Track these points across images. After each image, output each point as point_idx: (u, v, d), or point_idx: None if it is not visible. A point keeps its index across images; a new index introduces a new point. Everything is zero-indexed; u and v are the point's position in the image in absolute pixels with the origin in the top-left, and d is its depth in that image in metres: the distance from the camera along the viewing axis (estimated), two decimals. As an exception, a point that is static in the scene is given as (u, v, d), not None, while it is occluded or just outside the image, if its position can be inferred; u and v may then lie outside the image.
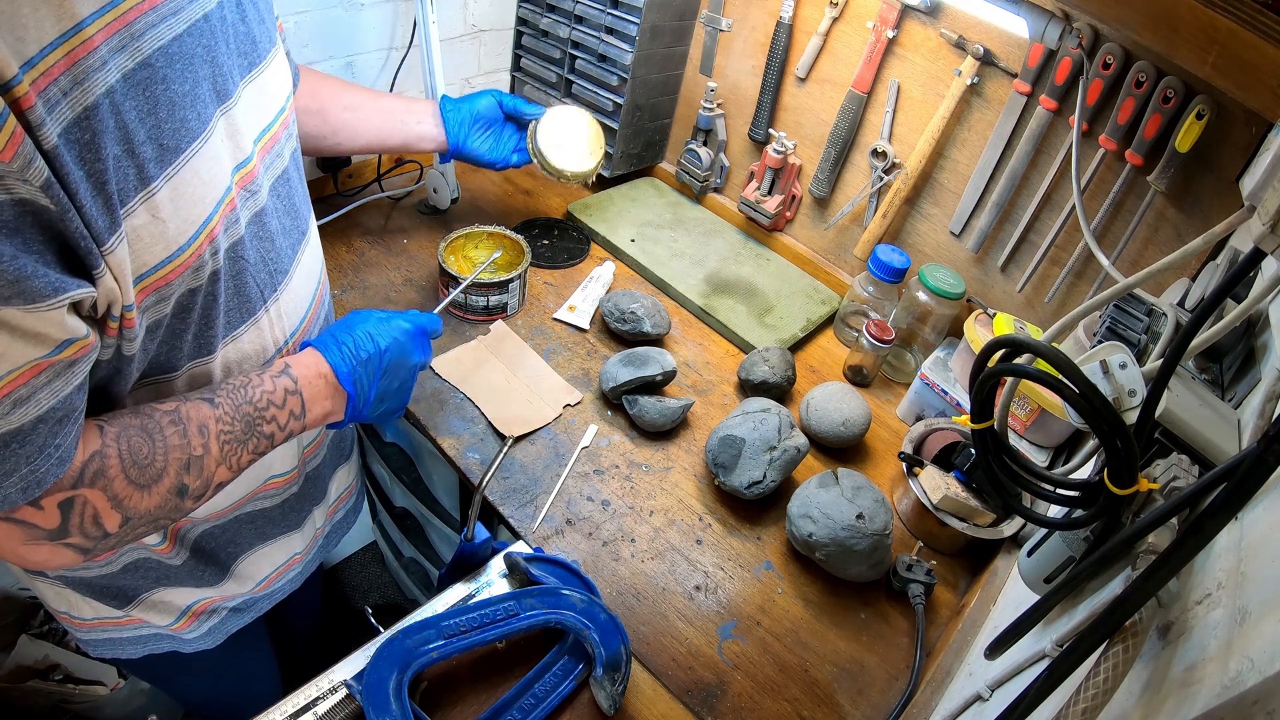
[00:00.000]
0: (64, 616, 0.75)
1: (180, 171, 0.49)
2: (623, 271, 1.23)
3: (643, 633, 0.76)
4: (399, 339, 0.72)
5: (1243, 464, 0.36)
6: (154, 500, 0.53)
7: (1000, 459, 0.61)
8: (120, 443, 0.51)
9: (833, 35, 1.13)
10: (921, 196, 1.14)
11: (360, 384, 0.68)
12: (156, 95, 0.46)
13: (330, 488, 0.91)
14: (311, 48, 1.11)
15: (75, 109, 0.41)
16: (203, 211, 0.52)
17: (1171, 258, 0.54)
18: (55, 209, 0.40)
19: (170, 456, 0.54)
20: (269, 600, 0.88)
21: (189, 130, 0.50)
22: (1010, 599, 0.75)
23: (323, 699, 0.63)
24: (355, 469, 1.00)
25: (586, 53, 1.28)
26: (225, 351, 0.62)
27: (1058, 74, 0.92)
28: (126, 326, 0.49)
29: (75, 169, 0.41)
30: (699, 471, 0.94)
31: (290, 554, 0.86)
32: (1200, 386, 0.60)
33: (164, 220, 0.48)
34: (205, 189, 0.52)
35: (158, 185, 0.47)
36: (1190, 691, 0.36)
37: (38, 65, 0.39)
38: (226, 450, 0.58)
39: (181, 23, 0.49)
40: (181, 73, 0.48)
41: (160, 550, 0.71)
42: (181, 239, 0.50)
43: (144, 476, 0.52)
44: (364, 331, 0.70)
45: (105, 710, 1.22)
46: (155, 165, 0.47)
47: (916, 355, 1.13)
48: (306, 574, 0.92)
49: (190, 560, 0.74)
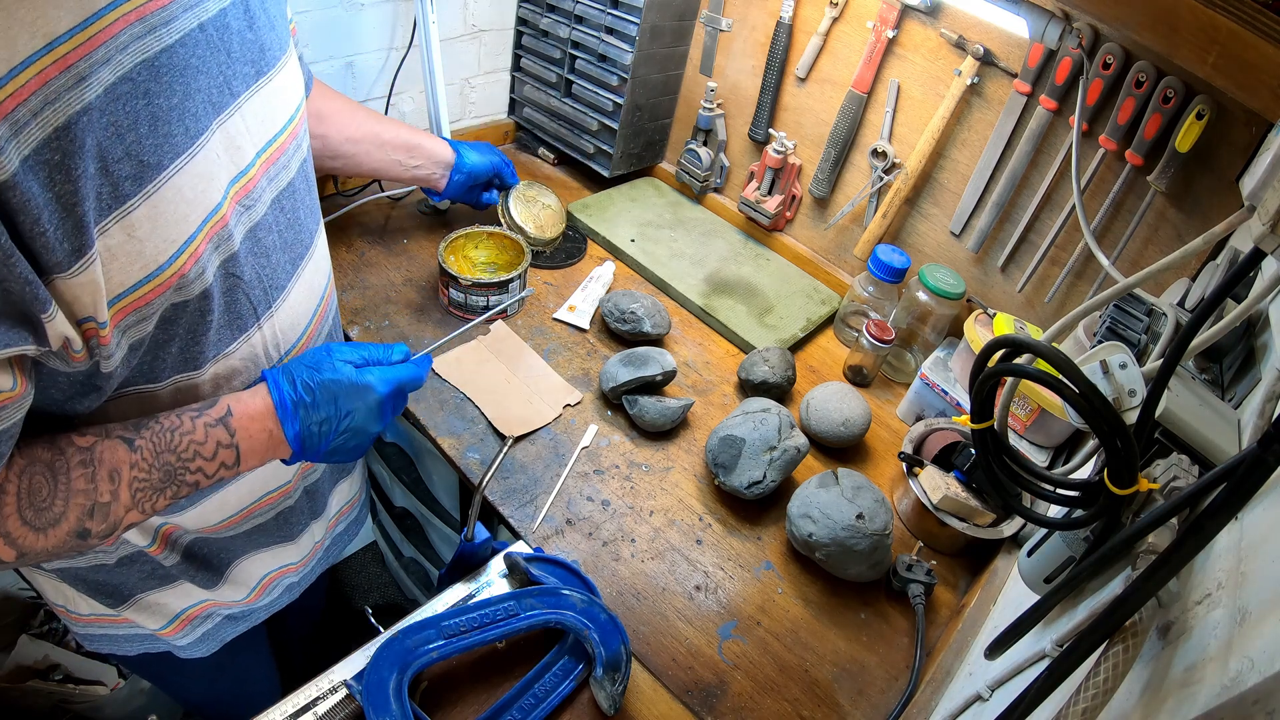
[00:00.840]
0: (61, 610, 0.75)
1: (160, 189, 0.47)
2: (623, 271, 1.23)
3: (643, 633, 0.76)
4: (367, 409, 0.65)
5: (1243, 464, 0.36)
6: (51, 541, 0.51)
7: (1000, 459, 0.61)
8: (22, 480, 0.49)
9: (833, 35, 1.13)
10: (921, 196, 1.14)
11: (309, 442, 0.63)
12: (137, 110, 0.45)
13: (330, 502, 0.90)
14: (311, 48, 1.11)
15: (46, 129, 0.40)
16: (185, 230, 0.50)
17: (1171, 258, 0.54)
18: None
19: (72, 501, 0.51)
20: (267, 610, 0.87)
21: (173, 146, 0.48)
22: (1010, 599, 0.75)
23: (323, 699, 0.63)
24: (359, 481, 0.99)
25: (586, 53, 1.28)
26: (215, 367, 0.61)
27: (1058, 74, 0.92)
28: (102, 344, 0.47)
29: (41, 192, 0.40)
30: (699, 471, 0.94)
31: (285, 562, 0.85)
32: (1200, 386, 0.60)
33: (141, 239, 0.47)
34: (188, 207, 0.50)
35: (134, 203, 0.46)
36: (1190, 691, 0.36)
37: (4, 88, 0.37)
38: (139, 497, 0.55)
39: (174, 33, 0.47)
40: (169, 85, 0.47)
41: (152, 551, 0.70)
42: (161, 258, 0.49)
43: (40, 519, 0.50)
44: (328, 391, 0.63)
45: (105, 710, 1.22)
46: (132, 183, 0.45)
47: (916, 355, 1.13)
48: (305, 585, 0.91)
49: (183, 562, 0.73)
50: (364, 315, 1.03)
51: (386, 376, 0.67)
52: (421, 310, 1.06)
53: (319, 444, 0.63)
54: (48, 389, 0.50)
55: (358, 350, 0.67)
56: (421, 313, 1.05)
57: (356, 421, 0.64)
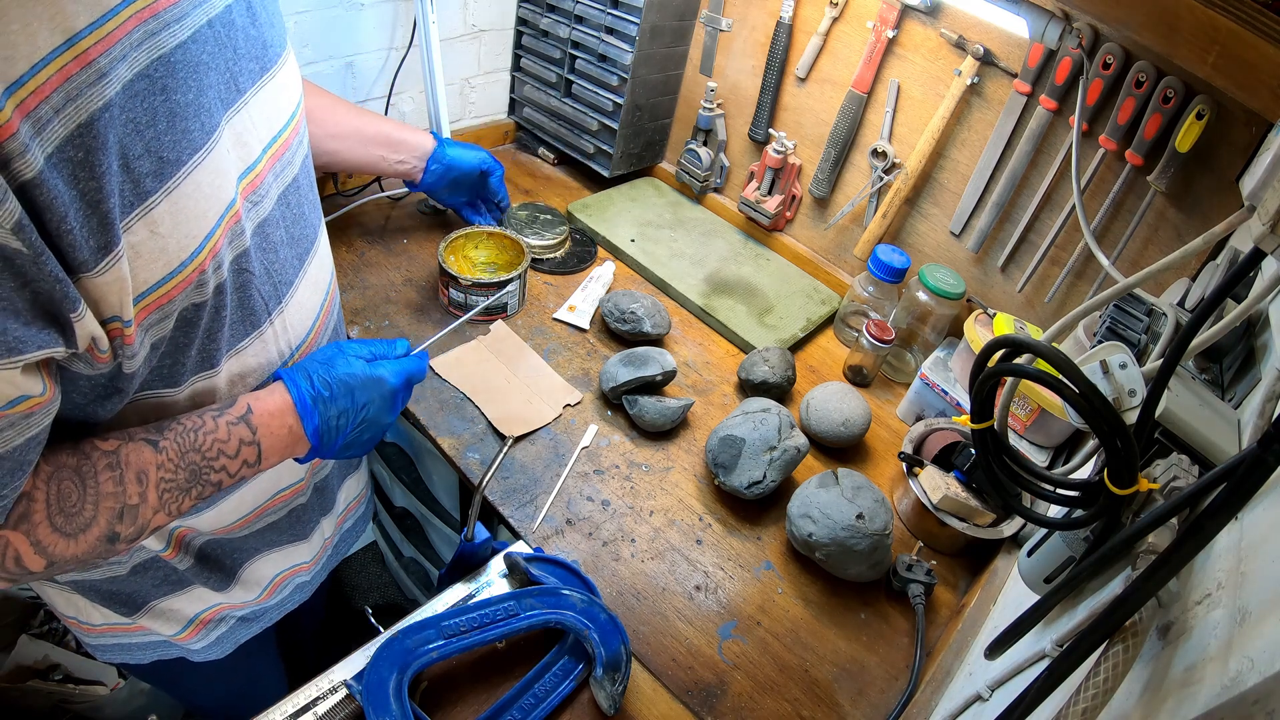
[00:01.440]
0: (72, 622, 0.74)
1: (181, 185, 0.48)
2: (623, 271, 1.23)
3: (643, 633, 0.76)
4: (381, 399, 0.68)
5: (1243, 464, 0.36)
6: (81, 547, 0.51)
7: (1000, 459, 0.61)
8: (50, 486, 0.49)
9: (833, 35, 1.13)
10: (921, 196, 1.14)
11: (328, 436, 0.65)
12: (155, 107, 0.45)
13: (339, 497, 0.90)
14: (311, 48, 1.11)
15: (69, 126, 0.40)
16: (205, 226, 0.50)
17: (1171, 258, 0.54)
18: (28, 252, 0.38)
19: (102, 505, 0.51)
20: (279, 610, 0.87)
21: (190, 141, 0.48)
22: (1010, 599, 0.75)
23: (323, 699, 0.63)
24: (365, 477, 0.99)
25: (586, 53, 1.28)
26: (229, 365, 0.61)
27: (1058, 74, 0.92)
28: (126, 344, 0.47)
29: (66, 190, 0.40)
30: (699, 471, 0.94)
31: (296, 562, 0.85)
32: (1200, 386, 0.60)
33: (164, 235, 0.47)
34: (207, 203, 0.50)
35: (156, 200, 0.46)
36: (1190, 691, 0.36)
37: (27, 84, 0.37)
38: (166, 499, 0.55)
39: (186, 29, 0.47)
40: (184, 81, 0.47)
41: (166, 555, 0.70)
42: (183, 254, 0.49)
43: (71, 525, 0.50)
44: (344, 385, 0.65)
45: (105, 710, 1.22)
46: (153, 179, 0.46)
47: (916, 355, 1.13)
48: (316, 583, 0.91)
49: (195, 565, 0.73)
50: (364, 315, 1.03)
51: (396, 369, 0.70)
52: (421, 310, 1.06)
53: (336, 438, 0.66)
54: (69, 393, 0.49)
55: (365, 346, 0.70)
56: (421, 313, 1.05)
57: (372, 413, 0.67)
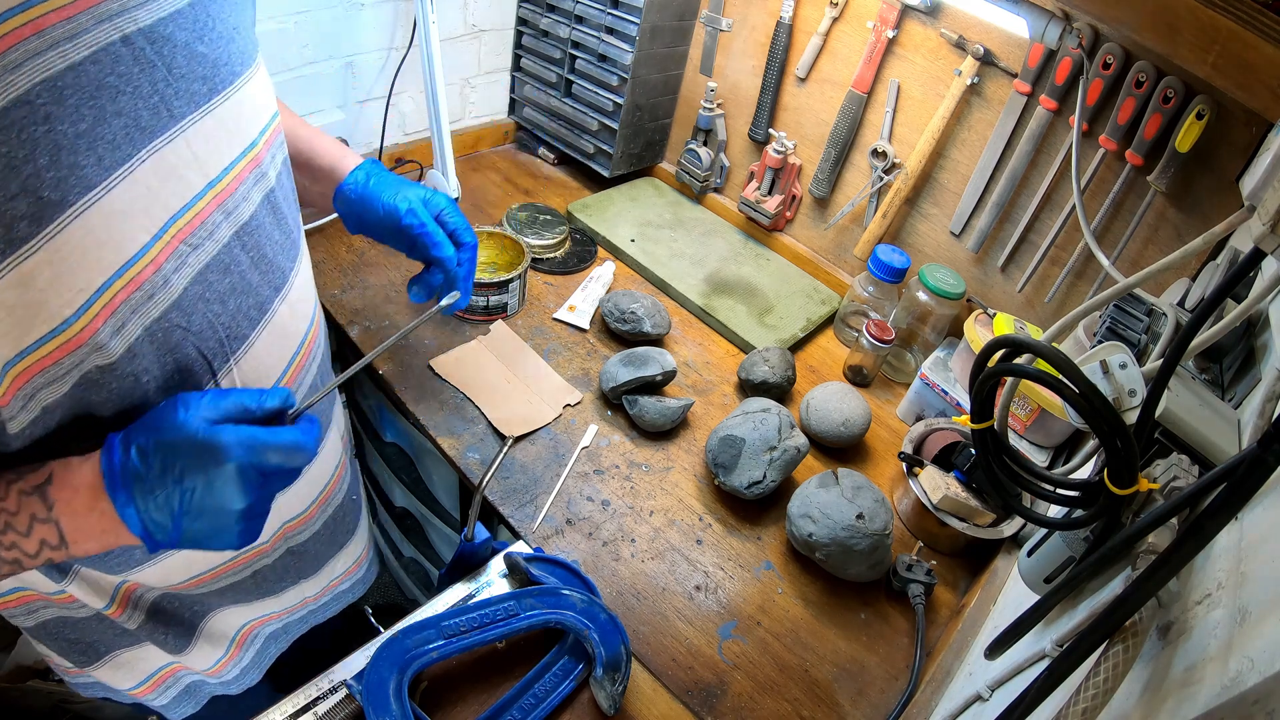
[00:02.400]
0: (48, 660, 0.69)
1: (65, 230, 0.41)
2: (623, 271, 1.23)
3: (643, 633, 0.76)
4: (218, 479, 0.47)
5: (1243, 464, 0.36)
6: None
7: (1000, 459, 0.61)
8: None
9: (833, 35, 1.13)
10: (921, 196, 1.14)
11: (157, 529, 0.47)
12: (35, 138, 0.38)
13: (327, 567, 0.81)
14: (311, 48, 1.11)
15: None
16: (98, 277, 0.43)
17: (1171, 258, 0.55)
18: None
19: None
20: (257, 670, 0.79)
21: (81, 179, 0.41)
22: (1010, 599, 0.75)
23: (323, 699, 0.63)
24: (365, 539, 0.89)
25: (586, 53, 1.28)
26: None
27: (1058, 74, 0.92)
28: None
29: None
30: (699, 471, 0.94)
31: (267, 611, 0.76)
32: (1200, 386, 0.60)
33: (41, 289, 0.40)
34: (100, 250, 0.43)
35: (32, 248, 0.39)
36: (1190, 691, 0.36)
37: None
38: None
39: (82, 49, 0.40)
40: (76, 109, 0.40)
41: (110, 613, 0.62)
42: (66, 311, 0.42)
43: None
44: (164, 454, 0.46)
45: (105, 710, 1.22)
46: (29, 224, 0.39)
47: (916, 355, 1.13)
48: (294, 635, 0.83)
49: (149, 623, 0.66)
50: (364, 315, 1.03)
51: (242, 438, 0.47)
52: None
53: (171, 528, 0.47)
54: None
55: (221, 400, 0.49)
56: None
57: (200, 498, 0.47)
